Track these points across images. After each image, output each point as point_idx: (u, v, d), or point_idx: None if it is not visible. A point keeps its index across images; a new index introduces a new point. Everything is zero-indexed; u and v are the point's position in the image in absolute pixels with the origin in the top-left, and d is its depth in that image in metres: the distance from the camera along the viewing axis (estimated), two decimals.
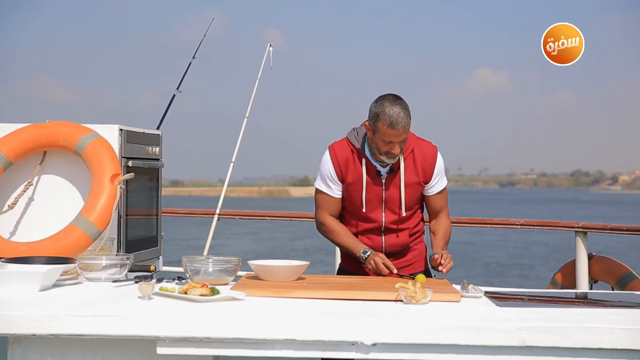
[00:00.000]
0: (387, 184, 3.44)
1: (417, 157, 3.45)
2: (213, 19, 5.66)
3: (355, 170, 3.44)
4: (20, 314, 2.46)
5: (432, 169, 3.47)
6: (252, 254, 26.11)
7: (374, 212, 3.47)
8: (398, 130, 3.26)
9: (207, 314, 2.47)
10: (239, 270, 3.15)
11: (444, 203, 3.58)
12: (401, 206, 3.45)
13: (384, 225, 3.48)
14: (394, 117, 3.25)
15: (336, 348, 2.41)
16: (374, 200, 3.45)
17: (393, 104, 3.28)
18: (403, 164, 3.42)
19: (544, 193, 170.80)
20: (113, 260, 3.14)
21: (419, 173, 3.45)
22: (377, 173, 3.43)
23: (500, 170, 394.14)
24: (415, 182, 3.46)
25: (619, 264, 5.21)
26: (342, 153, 3.46)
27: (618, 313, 2.61)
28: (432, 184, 3.50)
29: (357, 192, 3.45)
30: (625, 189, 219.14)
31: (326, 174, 3.48)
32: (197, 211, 6.73)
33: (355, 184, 3.44)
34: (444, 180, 3.55)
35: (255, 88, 5.88)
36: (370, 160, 3.43)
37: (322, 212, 3.55)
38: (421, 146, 3.47)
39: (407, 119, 3.28)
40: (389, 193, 3.44)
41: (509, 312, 2.61)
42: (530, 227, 5.55)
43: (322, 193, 3.53)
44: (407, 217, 3.50)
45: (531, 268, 27.20)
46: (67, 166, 3.80)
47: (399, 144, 3.30)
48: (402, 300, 2.72)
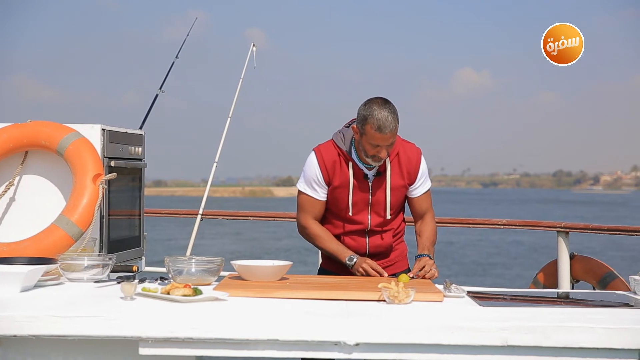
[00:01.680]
0: (374, 188, 3.44)
1: (402, 159, 3.45)
2: (196, 18, 5.65)
3: (342, 173, 3.42)
4: (1, 315, 2.44)
5: (417, 171, 3.48)
6: (235, 254, 26.08)
7: (359, 214, 3.47)
8: (386, 134, 3.24)
9: (189, 315, 2.46)
10: (222, 270, 3.14)
11: (429, 205, 3.59)
12: (386, 209, 3.46)
13: (370, 227, 3.48)
14: (382, 121, 3.23)
15: (319, 348, 2.41)
16: (360, 203, 3.45)
17: (382, 107, 3.26)
18: (389, 167, 3.43)
19: (527, 193, 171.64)
20: (95, 260, 3.13)
21: (404, 176, 3.46)
22: (364, 177, 3.43)
23: (483, 171, 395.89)
24: (401, 185, 3.47)
25: (600, 264, 5.24)
26: (329, 156, 3.43)
27: (599, 312, 2.63)
28: (416, 185, 3.51)
29: (344, 195, 3.44)
30: (606, 189, 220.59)
31: (312, 177, 3.45)
32: (180, 211, 6.72)
33: (341, 187, 3.43)
34: (428, 182, 3.56)
35: (238, 88, 5.88)
36: (357, 164, 3.42)
37: (305, 216, 3.52)
38: (406, 148, 3.48)
39: (395, 123, 3.27)
40: (376, 196, 3.45)
41: (492, 311, 2.62)
42: (512, 227, 5.58)
43: (306, 196, 3.49)
44: (391, 219, 3.51)
45: (513, 268, 27.32)
46: (48, 166, 3.78)
47: (387, 147, 3.29)
48: (385, 300, 2.73)
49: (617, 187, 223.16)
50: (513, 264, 28.65)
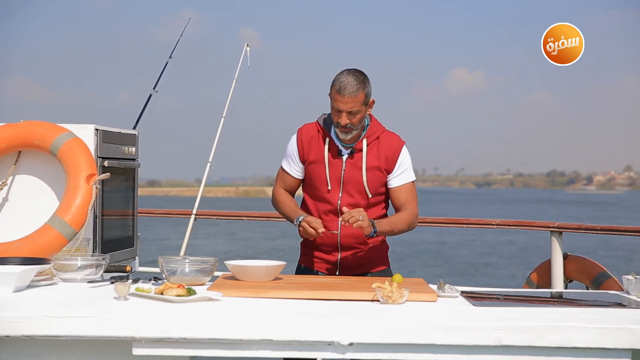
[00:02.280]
0: (347, 166, 3.43)
1: (382, 144, 3.45)
2: (190, 18, 5.64)
3: (318, 148, 3.46)
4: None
5: (396, 158, 3.45)
6: (229, 254, 26.06)
7: (333, 192, 3.45)
8: (344, 96, 3.28)
9: (183, 315, 2.46)
10: (216, 270, 3.14)
11: (410, 199, 3.49)
12: (360, 190, 3.43)
13: (339, 207, 3.43)
14: (343, 83, 3.29)
15: (313, 348, 2.41)
16: (333, 180, 3.44)
17: (348, 72, 3.35)
18: (366, 148, 3.43)
19: (520, 193, 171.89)
20: (88, 260, 3.12)
21: (381, 159, 3.44)
22: (339, 153, 3.44)
23: (477, 171, 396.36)
24: (376, 167, 3.43)
25: (593, 264, 5.25)
26: (308, 133, 3.51)
27: (592, 312, 2.63)
28: (395, 174, 3.47)
29: (320, 170, 3.45)
30: (600, 189, 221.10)
31: (289, 153, 3.55)
32: (174, 211, 6.71)
33: (317, 162, 3.46)
34: (410, 175, 3.51)
35: (232, 88, 5.87)
36: (334, 140, 3.44)
37: (277, 185, 3.63)
38: (388, 136, 3.48)
39: (359, 90, 3.30)
40: (348, 174, 3.42)
41: (485, 311, 2.62)
42: (506, 227, 5.59)
43: (282, 170, 3.60)
44: (365, 207, 3.43)
45: (506, 268, 27.36)
46: (42, 166, 3.77)
47: (347, 114, 3.31)
48: (379, 300, 2.73)
49: (610, 187, 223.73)
50: (506, 263, 28.70)
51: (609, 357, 2.39)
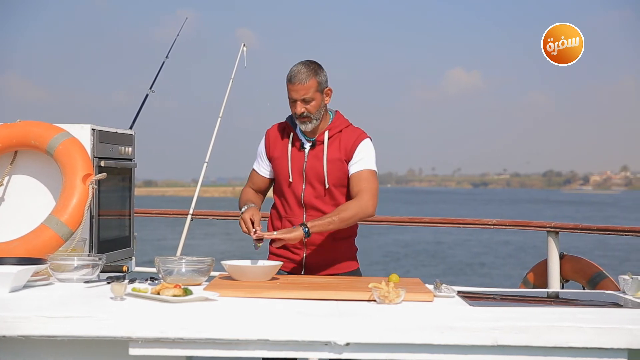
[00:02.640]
0: (309, 158, 3.46)
1: (344, 137, 3.48)
2: (187, 18, 5.65)
3: (282, 144, 3.52)
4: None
5: (355, 148, 3.45)
6: (225, 254, 26.05)
7: (297, 184, 3.47)
8: (294, 84, 3.35)
9: (180, 315, 2.46)
10: (212, 270, 3.14)
11: (365, 186, 3.40)
12: (321, 181, 3.44)
13: (304, 200, 3.45)
14: (293, 72, 3.36)
15: (309, 348, 2.41)
16: (296, 173, 3.47)
17: (299, 63, 3.42)
18: (327, 140, 3.46)
19: (517, 193, 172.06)
20: (85, 260, 3.12)
21: (341, 151, 3.46)
22: (301, 146, 3.48)
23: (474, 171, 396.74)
24: (337, 159, 3.45)
25: (590, 264, 5.25)
26: (275, 131, 3.57)
27: (589, 312, 2.64)
28: (353, 161, 3.45)
29: (284, 165, 3.49)
30: (596, 189, 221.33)
31: (258, 153, 3.62)
32: (170, 211, 6.70)
33: (281, 157, 3.50)
34: (370, 165, 3.44)
35: (229, 88, 5.87)
36: (298, 134, 3.50)
37: (245, 185, 3.68)
38: (351, 130, 3.51)
39: (309, 77, 3.35)
40: (309, 166, 3.45)
41: (482, 311, 2.63)
42: (502, 227, 5.58)
43: (252, 170, 3.66)
44: (330, 199, 3.45)
45: (502, 267, 27.38)
46: (38, 166, 3.77)
47: (302, 102, 3.36)
48: (376, 300, 2.73)
49: (606, 187, 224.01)
50: (503, 263, 28.72)
51: (606, 357, 2.39)
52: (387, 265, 26.12)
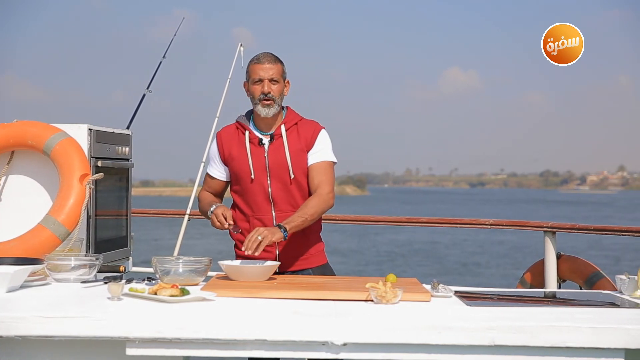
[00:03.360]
0: (270, 151, 3.45)
1: (301, 129, 3.50)
2: (184, 18, 5.65)
3: (239, 143, 3.49)
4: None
5: (315, 138, 3.48)
6: (222, 254, 26.04)
7: (259, 183, 3.44)
8: (264, 63, 3.42)
9: (177, 315, 2.46)
10: (210, 270, 3.14)
11: (324, 178, 3.45)
12: (287, 172, 3.44)
13: (271, 195, 3.44)
14: (260, 55, 3.45)
15: (307, 348, 2.41)
16: (258, 169, 3.44)
17: (263, 52, 3.49)
18: (285, 133, 3.47)
19: (514, 193, 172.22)
20: (82, 260, 3.12)
21: (301, 141, 3.47)
22: (259, 142, 3.46)
23: (471, 171, 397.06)
24: (299, 149, 3.46)
25: (587, 264, 5.26)
26: (227, 133, 3.55)
27: (586, 312, 2.64)
28: (312, 151, 3.48)
29: (243, 162, 3.46)
30: (593, 189, 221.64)
31: (211, 156, 3.60)
32: (168, 211, 6.70)
33: (240, 156, 3.47)
34: (329, 156, 3.49)
35: (226, 88, 5.87)
36: (253, 131, 3.49)
37: (201, 190, 3.68)
38: (306, 122, 3.54)
39: (276, 60, 3.45)
40: (272, 160, 3.44)
41: (479, 311, 2.63)
42: (499, 227, 5.59)
43: (206, 175, 3.64)
44: (296, 190, 3.46)
45: (500, 267, 27.40)
46: (35, 166, 3.76)
47: (270, 82, 3.40)
48: (373, 300, 2.73)
49: (603, 187, 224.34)
50: (500, 263, 28.75)
51: (603, 356, 2.39)
52: (384, 265, 26.13)
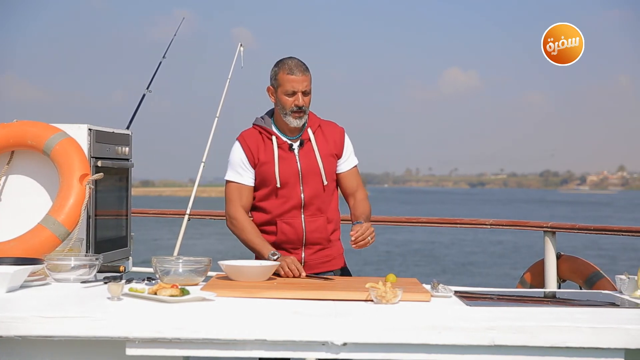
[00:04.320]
0: (301, 157, 3.42)
1: (326, 131, 3.49)
2: (184, 18, 5.65)
3: (266, 149, 3.43)
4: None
5: (342, 142, 3.51)
6: (222, 254, 26.04)
7: (291, 188, 3.41)
8: (298, 76, 3.34)
9: (177, 315, 2.46)
10: (209, 270, 3.14)
11: (359, 182, 3.57)
12: (319, 178, 3.43)
13: (304, 201, 3.42)
14: (292, 65, 3.36)
15: (306, 348, 2.41)
16: (290, 175, 3.41)
17: (290, 57, 3.41)
18: (313, 136, 3.45)
19: (514, 193, 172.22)
20: (82, 260, 3.12)
21: (330, 145, 3.47)
22: (290, 148, 3.42)
23: (471, 171, 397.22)
24: (329, 154, 3.46)
25: (587, 264, 5.26)
26: (251, 138, 3.46)
27: (586, 312, 2.64)
28: (343, 159, 3.51)
29: (271, 169, 3.41)
30: (593, 189, 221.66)
31: (237, 162, 3.46)
32: (168, 211, 6.70)
33: (268, 162, 3.41)
34: (355, 159, 3.57)
35: (226, 88, 5.88)
36: (280, 136, 3.43)
37: (233, 205, 3.47)
38: (327, 124, 3.52)
39: (307, 70, 3.38)
40: (304, 165, 3.42)
41: (479, 311, 2.63)
42: (499, 227, 5.58)
43: (233, 183, 3.48)
44: (327, 195, 3.46)
45: (500, 267, 27.40)
46: (35, 166, 3.76)
47: (302, 94, 3.35)
48: (373, 300, 2.73)
49: (603, 187, 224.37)
50: (500, 263, 28.74)
51: (602, 356, 2.39)
52: (383, 265, 26.13)
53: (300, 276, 3.22)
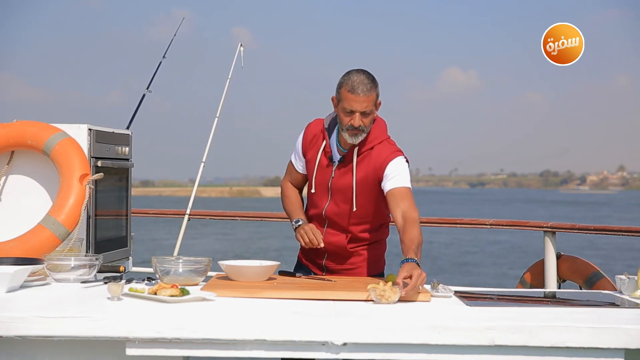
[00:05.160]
0: (336, 172, 3.33)
1: (374, 155, 3.29)
2: (183, 18, 5.65)
3: (315, 147, 3.40)
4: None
5: (385, 165, 3.26)
6: (222, 254, 26.03)
7: (320, 197, 3.40)
8: (359, 95, 3.15)
9: (177, 315, 2.46)
10: (209, 270, 3.14)
11: (409, 202, 3.20)
12: (347, 200, 3.32)
13: (325, 213, 3.38)
14: (356, 82, 3.16)
15: (306, 348, 2.41)
16: (322, 185, 3.38)
17: (358, 71, 3.22)
18: (356, 157, 3.29)
19: (514, 193, 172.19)
20: (82, 261, 3.12)
21: (369, 170, 3.28)
22: (330, 159, 3.36)
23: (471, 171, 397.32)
24: (366, 178, 3.29)
25: (586, 264, 5.26)
26: (313, 129, 3.43)
27: (585, 312, 2.64)
28: (387, 179, 3.26)
29: (311, 170, 3.42)
30: (593, 189, 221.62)
31: (297, 147, 3.50)
32: (168, 211, 6.70)
33: (311, 162, 3.41)
34: (405, 180, 3.26)
35: (226, 88, 5.88)
36: (330, 143, 3.36)
37: (284, 179, 3.61)
38: (383, 147, 3.31)
39: (372, 89, 3.18)
40: (336, 181, 3.33)
41: (479, 311, 2.63)
42: (499, 227, 5.58)
43: (290, 163, 3.57)
44: (354, 218, 3.35)
45: (500, 267, 27.40)
46: (35, 166, 3.76)
47: (361, 115, 3.17)
48: (373, 299, 2.73)
49: (603, 187, 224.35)
50: (500, 263, 28.74)
51: (602, 356, 2.39)
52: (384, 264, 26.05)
53: (319, 246, 3.25)
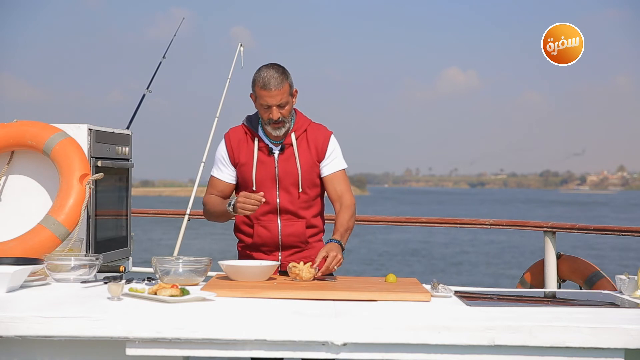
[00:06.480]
0: (280, 162, 3.42)
1: (310, 137, 3.46)
2: (183, 18, 5.65)
3: (247, 150, 3.46)
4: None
5: (325, 147, 3.47)
6: (222, 254, 26.05)
7: (267, 192, 3.42)
8: (271, 90, 3.30)
9: (177, 315, 2.46)
10: (209, 270, 3.14)
11: (345, 187, 3.47)
12: (296, 185, 3.42)
13: (279, 206, 3.43)
14: (266, 79, 3.31)
15: (306, 348, 2.41)
16: (267, 179, 3.43)
17: (268, 67, 3.37)
18: (295, 142, 3.44)
19: (514, 193, 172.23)
20: (82, 260, 3.12)
21: (312, 152, 3.45)
22: (270, 151, 3.43)
23: (471, 171, 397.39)
24: (309, 161, 3.44)
25: (586, 264, 5.26)
26: (236, 136, 3.50)
27: (585, 312, 2.64)
28: (326, 162, 3.47)
29: (249, 171, 3.44)
30: (593, 189, 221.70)
31: (218, 158, 3.52)
32: (168, 211, 6.70)
33: (247, 164, 3.45)
34: (341, 163, 3.51)
35: (225, 88, 5.88)
36: (263, 139, 3.45)
37: (206, 194, 3.56)
38: (315, 128, 3.50)
39: (283, 81, 3.33)
40: (282, 171, 3.42)
41: (479, 311, 2.63)
42: (499, 227, 5.59)
43: (211, 178, 3.56)
44: (303, 202, 3.45)
45: (500, 267, 27.41)
46: (35, 166, 3.76)
47: (277, 108, 3.33)
48: (292, 279, 2.96)
49: (603, 187, 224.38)
50: (500, 263, 28.75)
51: (602, 356, 2.39)
52: (384, 265, 26.12)
53: (261, 202, 3.24)
